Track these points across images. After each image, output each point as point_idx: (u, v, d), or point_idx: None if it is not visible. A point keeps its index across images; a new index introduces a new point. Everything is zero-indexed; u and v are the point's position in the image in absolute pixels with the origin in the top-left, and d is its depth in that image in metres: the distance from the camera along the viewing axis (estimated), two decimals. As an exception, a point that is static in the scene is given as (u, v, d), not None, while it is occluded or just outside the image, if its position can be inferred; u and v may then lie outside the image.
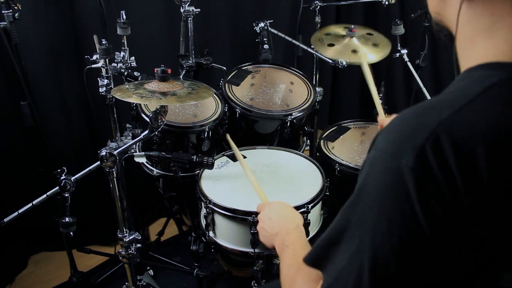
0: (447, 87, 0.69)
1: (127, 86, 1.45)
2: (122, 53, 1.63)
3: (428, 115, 0.61)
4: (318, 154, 1.99)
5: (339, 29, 2.12)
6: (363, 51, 1.94)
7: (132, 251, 1.49)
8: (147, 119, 1.55)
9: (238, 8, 2.53)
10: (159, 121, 1.38)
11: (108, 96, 1.59)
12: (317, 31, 2.16)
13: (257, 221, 1.43)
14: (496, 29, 0.64)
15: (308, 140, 2.19)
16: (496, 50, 0.64)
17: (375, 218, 0.63)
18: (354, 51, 1.96)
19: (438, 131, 0.58)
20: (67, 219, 1.38)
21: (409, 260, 0.61)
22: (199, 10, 2.00)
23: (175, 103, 1.39)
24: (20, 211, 1.46)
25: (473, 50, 0.67)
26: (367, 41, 2.03)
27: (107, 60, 1.52)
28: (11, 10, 1.57)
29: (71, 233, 1.41)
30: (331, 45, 2.03)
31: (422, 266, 0.61)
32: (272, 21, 2.25)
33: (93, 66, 1.54)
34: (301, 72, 2.14)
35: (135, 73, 1.62)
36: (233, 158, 1.80)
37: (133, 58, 1.66)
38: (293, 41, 2.16)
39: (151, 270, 2.08)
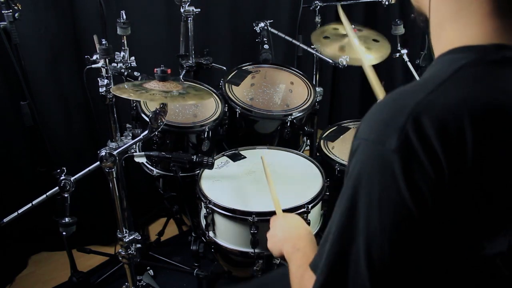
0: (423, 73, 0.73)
1: (126, 86, 1.45)
2: (122, 53, 1.63)
3: (405, 99, 0.63)
4: (318, 154, 1.99)
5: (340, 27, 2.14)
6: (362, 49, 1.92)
7: (132, 251, 1.49)
8: (147, 119, 1.55)
9: (238, 8, 2.52)
10: (159, 121, 1.38)
11: (108, 96, 1.58)
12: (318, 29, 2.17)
13: (257, 221, 1.45)
14: (461, 16, 0.68)
15: (308, 140, 2.18)
16: (463, 35, 0.68)
17: (365, 205, 0.64)
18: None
19: (416, 111, 0.60)
20: (67, 219, 1.37)
21: (403, 243, 0.63)
22: (199, 10, 1.99)
23: (175, 103, 1.39)
24: (20, 211, 1.46)
25: (442, 35, 0.71)
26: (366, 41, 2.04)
27: (107, 60, 1.52)
28: (11, 10, 1.57)
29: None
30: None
31: (415, 248, 0.63)
32: (272, 21, 2.25)
33: (93, 66, 1.54)
34: (301, 72, 2.14)
35: (135, 73, 1.62)
36: (233, 158, 1.80)
37: (133, 58, 1.66)
38: (293, 41, 2.16)
39: (151, 270, 2.08)
